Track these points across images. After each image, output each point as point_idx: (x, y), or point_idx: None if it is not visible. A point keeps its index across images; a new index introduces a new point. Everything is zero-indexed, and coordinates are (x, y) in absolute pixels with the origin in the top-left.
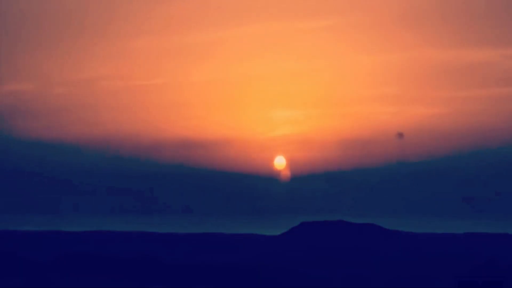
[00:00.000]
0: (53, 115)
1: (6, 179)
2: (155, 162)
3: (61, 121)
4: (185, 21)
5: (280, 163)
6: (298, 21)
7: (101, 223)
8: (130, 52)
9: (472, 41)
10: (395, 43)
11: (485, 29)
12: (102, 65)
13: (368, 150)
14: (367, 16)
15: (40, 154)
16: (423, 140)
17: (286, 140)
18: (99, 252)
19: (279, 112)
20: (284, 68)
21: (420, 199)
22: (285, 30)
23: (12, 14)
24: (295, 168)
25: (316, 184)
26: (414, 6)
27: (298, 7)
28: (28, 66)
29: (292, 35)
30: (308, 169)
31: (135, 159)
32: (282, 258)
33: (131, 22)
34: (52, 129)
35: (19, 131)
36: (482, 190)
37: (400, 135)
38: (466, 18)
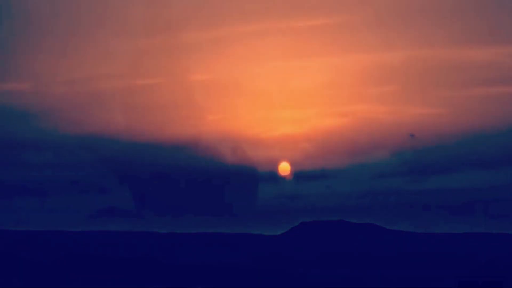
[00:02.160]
0: (52, 114)
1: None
2: (155, 162)
3: (60, 121)
4: (186, 21)
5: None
6: (298, 19)
7: (101, 223)
8: (130, 51)
9: (472, 40)
10: (395, 42)
11: (486, 28)
12: (102, 64)
13: (368, 149)
14: (367, 14)
15: (39, 153)
16: (423, 139)
17: (286, 139)
18: (99, 252)
19: (279, 111)
20: (285, 67)
21: (420, 198)
22: (286, 29)
23: (11, 13)
24: (296, 167)
25: (316, 184)
26: (415, 5)
27: (299, 6)
28: (27, 65)
29: (293, 34)
30: (308, 168)
31: (135, 158)
32: (282, 258)
33: (131, 21)
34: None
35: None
36: (481, 189)
37: (412, 136)
38: (466, 18)
